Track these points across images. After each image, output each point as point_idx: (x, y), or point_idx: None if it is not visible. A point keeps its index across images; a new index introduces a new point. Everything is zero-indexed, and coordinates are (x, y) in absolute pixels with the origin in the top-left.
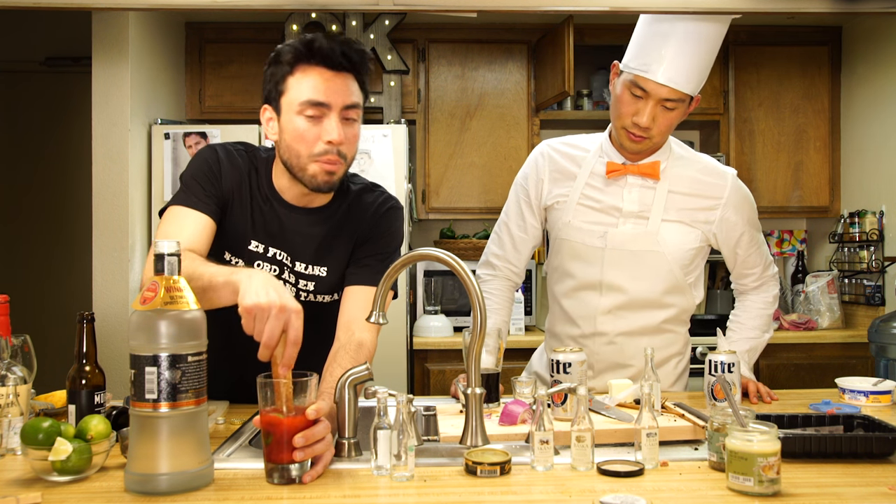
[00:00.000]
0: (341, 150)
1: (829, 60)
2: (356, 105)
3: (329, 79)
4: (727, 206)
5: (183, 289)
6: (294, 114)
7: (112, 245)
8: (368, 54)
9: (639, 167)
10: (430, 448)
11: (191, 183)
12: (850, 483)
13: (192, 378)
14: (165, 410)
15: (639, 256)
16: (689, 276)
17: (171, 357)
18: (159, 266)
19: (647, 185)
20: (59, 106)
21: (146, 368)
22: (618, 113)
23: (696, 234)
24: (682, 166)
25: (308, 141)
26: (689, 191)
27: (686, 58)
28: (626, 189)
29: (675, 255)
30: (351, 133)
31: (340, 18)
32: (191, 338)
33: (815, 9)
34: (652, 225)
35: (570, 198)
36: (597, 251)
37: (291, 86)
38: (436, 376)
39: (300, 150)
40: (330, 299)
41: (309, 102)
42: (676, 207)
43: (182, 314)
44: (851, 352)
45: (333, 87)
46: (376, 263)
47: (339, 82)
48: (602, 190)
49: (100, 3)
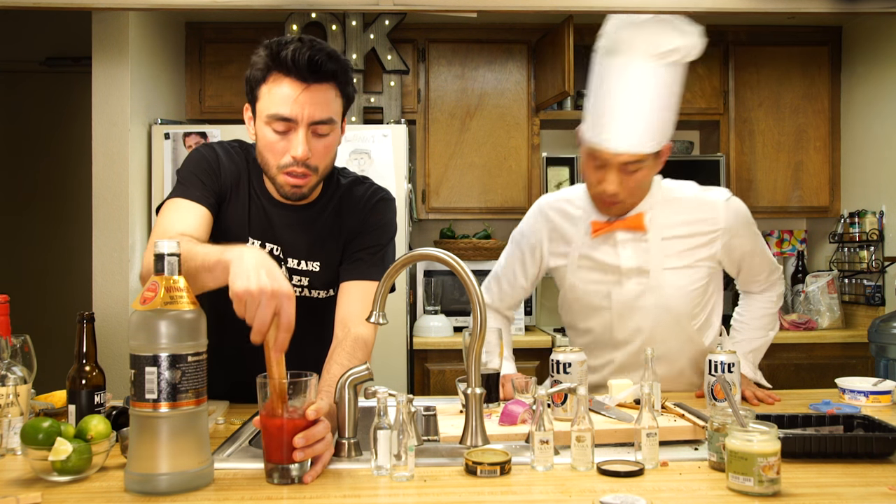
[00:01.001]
0: (309, 164)
1: (829, 60)
2: (327, 121)
3: (299, 91)
4: (725, 233)
5: (183, 289)
6: (263, 124)
7: (112, 245)
8: (346, 61)
9: (624, 222)
10: (430, 448)
11: (189, 178)
12: (850, 483)
13: (192, 378)
14: (165, 410)
15: (648, 311)
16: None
17: (171, 357)
18: (159, 266)
19: (639, 238)
20: (59, 106)
21: (146, 368)
22: (586, 182)
23: (702, 271)
24: (670, 210)
25: (276, 152)
26: (684, 233)
27: (638, 117)
28: (619, 246)
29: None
30: (321, 146)
31: (340, 18)
32: (191, 338)
33: (815, 9)
34: (654, 279)
35: (569, 260)
36: (604, 311)
37: (263, 94)
38: (436, 376)
39: (269, 160)
40: (325, 295)
41: (275, 117)
42: (676, 252)
43: (182, 314)
44: (851, 352)
45: (302, 101)
46: (369, 257)
47: (309, 96)
48: (598, 248)
49: (100, 3)
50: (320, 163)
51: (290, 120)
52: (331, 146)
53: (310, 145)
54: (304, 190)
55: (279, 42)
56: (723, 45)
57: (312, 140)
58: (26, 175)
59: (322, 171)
